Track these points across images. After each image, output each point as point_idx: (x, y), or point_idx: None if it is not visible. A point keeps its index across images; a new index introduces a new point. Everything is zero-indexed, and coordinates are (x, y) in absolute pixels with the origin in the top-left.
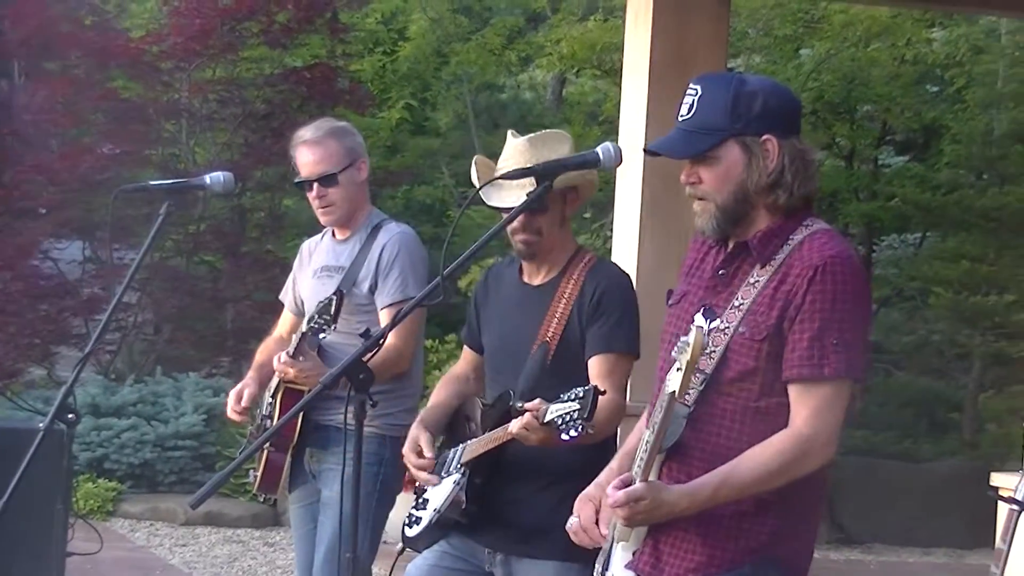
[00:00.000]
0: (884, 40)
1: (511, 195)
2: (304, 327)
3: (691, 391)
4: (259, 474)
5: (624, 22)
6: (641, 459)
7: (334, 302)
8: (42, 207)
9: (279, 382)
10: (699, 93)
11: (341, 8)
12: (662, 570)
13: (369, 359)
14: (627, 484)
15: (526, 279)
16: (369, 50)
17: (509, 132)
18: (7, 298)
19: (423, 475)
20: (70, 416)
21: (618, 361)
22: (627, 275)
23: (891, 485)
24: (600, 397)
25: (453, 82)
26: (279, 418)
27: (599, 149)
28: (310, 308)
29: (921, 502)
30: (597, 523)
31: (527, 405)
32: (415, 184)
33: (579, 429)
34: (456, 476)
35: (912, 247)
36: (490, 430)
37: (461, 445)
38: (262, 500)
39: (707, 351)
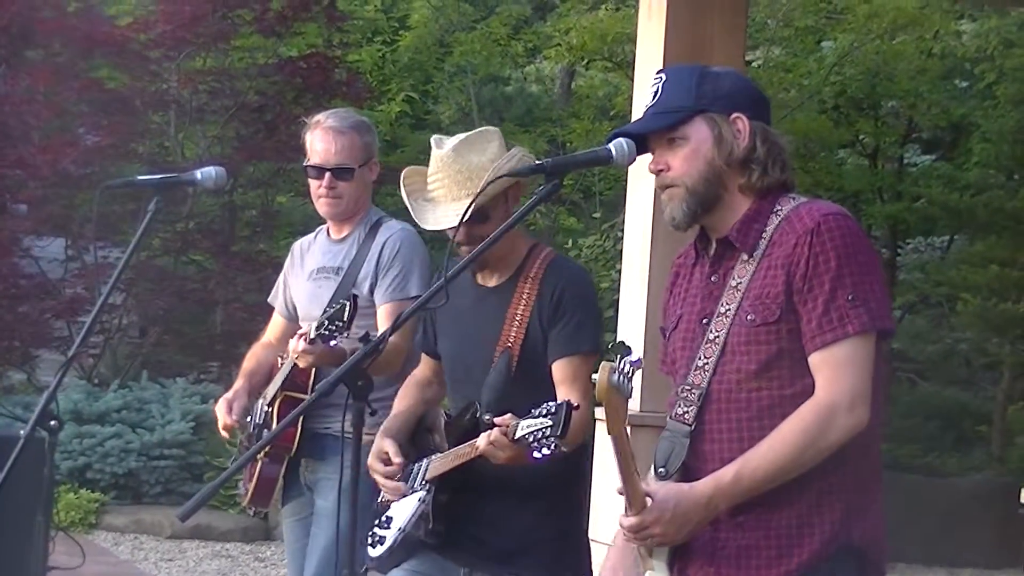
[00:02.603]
0: (911, 32)
1: (446, 216)
2: (313, 333)
3: (689, 409)
4: (251, 487)
5: (637, 12)
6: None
7: (347, 308)
8: (22, 202)
9: (277, 390)
10: (664, 79)
11: None
12: None
13: (369, 365)
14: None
15: (480, 280)
16: (368, 39)
17: (432, 139)
18: None
19: (391, 483)
20: (52, 423)
21: (583, 363)
22: (585, 271)
23: (915, 501)
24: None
25: (456, 74)
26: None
27: (611, 145)
28: (305, 312)
29: (946, 519)
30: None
31: (496, 420)
32: None
33: (551, 447)
34: (421, 493)
35: (939, 251)
36: (455, 443)
37: (425, 460)
38: (252, 513)
39: (701, 364)
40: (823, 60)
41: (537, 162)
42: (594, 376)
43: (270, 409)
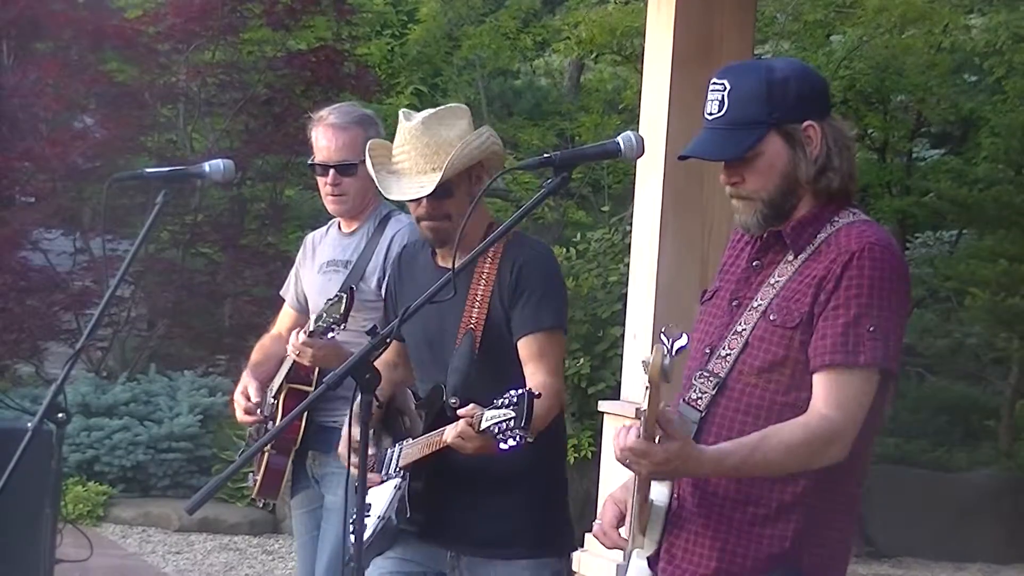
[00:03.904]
0: (920, 27)
1: (411, 187)
2: (311, 325)
3: (703, 395)
4: (259, 478)
5: (646, 5)
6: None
7: (344, 300)
8: (31, 195)
9: (282, 382)
10: (727, 88)
11: None
12: (673, 574)
13: (376, 358)
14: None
15: (441, 262)
16: (377, 33)
17: (400, 112)
18: None
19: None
20: (60, 415)
21: (548, 339)
22: (546, 246)
23: (923, 496)
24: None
25: (465, 67)
26: (281, 419)
27: (620, 139)
28: (315, 305)
29: (954, 514)
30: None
31: (460, 412)
32: None
33: (517, 438)
34: (396, 480)
35: (947, 245)
36: (425, 427)
37: (398, 446)
38: (261, 505)
39: (724, 355)
40: (832, 54)
41: (546, 155)
42: (647, 358)
43: (275, 401)
